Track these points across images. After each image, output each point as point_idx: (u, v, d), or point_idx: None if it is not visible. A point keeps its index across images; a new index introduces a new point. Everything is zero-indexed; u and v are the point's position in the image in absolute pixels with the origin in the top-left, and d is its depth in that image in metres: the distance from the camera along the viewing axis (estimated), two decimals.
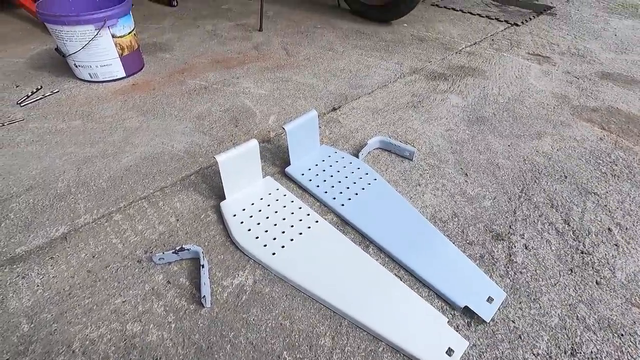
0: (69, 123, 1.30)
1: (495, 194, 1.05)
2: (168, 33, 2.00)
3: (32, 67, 1.65)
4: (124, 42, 1.49)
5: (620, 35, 2.13)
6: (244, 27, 2.09)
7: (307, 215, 0.92)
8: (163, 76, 1.60)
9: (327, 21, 2.18)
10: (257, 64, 1.70)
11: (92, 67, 1.48)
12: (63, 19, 1.34)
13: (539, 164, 1.17)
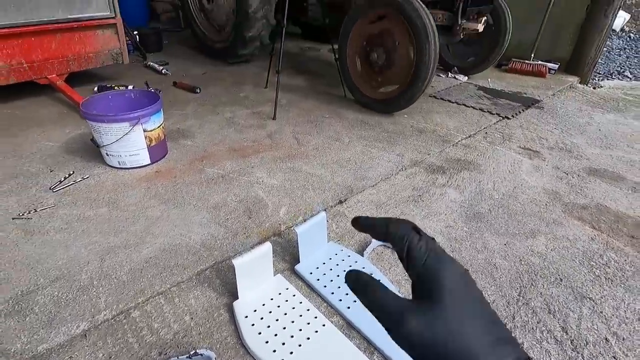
0: (96, 210, 1.41)
1: (494, 297, 1.10)
2: (190, 119, 2.21)
3: (66, 151, 1.82)
4: (152, 134, 1.67)
5: (603, 130, 2.32)
6: (259, 115, 2.31)
7: (314, 318, 0.97)
8: (184, 164, 1.75)
9: (335, 111, 2.40)
10: (270, 153, 1.86)
11: (121, 156, 1.64)
12: (103, 117, 1.52)
13: (534, 265, 1.24)
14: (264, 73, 2.90)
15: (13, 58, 2.16)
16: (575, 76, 3.33)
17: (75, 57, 2.41)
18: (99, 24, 2.42)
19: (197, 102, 2.48)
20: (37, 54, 2.25)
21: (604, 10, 3.05)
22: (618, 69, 4.49)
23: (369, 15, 2.21)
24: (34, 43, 2.21)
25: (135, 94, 1.81)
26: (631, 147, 2.11)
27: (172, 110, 2.32)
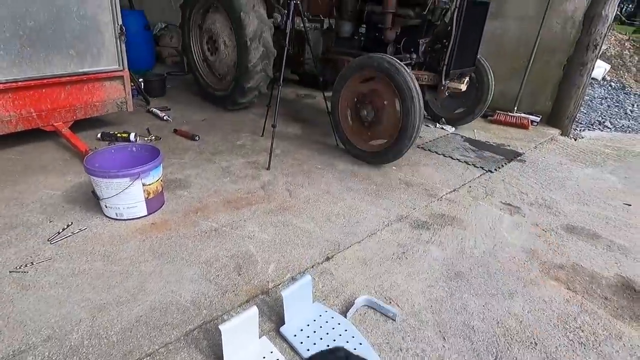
0: (91, 264, 1.46)
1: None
2: (188, 168, 2.31)
3: (66, 201, 1.89)
4: (151, 188, 1.75)
5: (582, 185, 2.44)
6: (254, 164, 2.42)
7: None
8: (179, 215, 1.82)
9: (327, 161, 2.52)
10: (263, 206, 1.94)
11: (119, 208, 1.71)
12: (105, 174, 1.61)
13: (511, 328, 1.29)
14: (261, 120, 3.05)
15: (23, 108, 2.29)
16: (557, 128, 3.51)
17: (82, 106, 2.55)
18: (107, 76, 2.58)
19: (196, 150, 2.60)
20: (46, 104, 2.38)
21: (579, 69, 3.28)
22: (599, 118, 4.72)
23: (360, 75, 2.39)
24: (44, 94, 2.35)
25: (137, 148, 1.92)
26: (607, 204, 2.21)
27: (171, 158, 2.42)
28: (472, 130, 3.35)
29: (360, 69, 2.35)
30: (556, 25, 3.32)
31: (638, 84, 7.00)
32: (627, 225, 2.00)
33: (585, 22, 3.13)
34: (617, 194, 2.36)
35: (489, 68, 2.99)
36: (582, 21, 3.15)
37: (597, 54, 3.23)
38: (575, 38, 3.22)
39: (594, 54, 3.22)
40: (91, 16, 2.37)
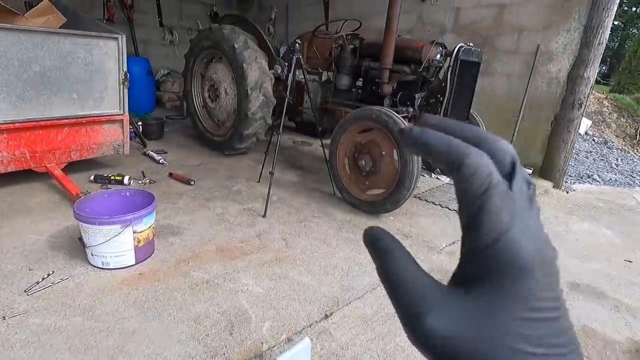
0: (69, 320, 1.34)
1: None
2: (181, 214, 2.25)
3: (50, 246, 1.79)
4: (142, 235, 1.68)
5: (581, 240, 2.42)
6: (250, 211, 2.36)
7: None
8: (170, 265, 1.72)
9: (324, 210, 2.48)
10: (258, 256, 1.86)
11: (106, 257, 1.62)
12: (95, 220, 1.54)
13: None
14: (258, 166, 3.04)
15: (17, 149, 2.25)
16: (549, 181, 3.57)
17: (78, 148, 2.53)
18: (107, 119, 2.59)
19: (191, 195, 2.55)
20: (41, 145, 2.35)
21: (567, 126, 3.42)
22: (587, 171, 4.85)
23: (358, 126, 2.44)
24: (40, 135, 2.33)
25: (131, 193, 1.87)
26: (608, 260, 2.18)
27: (165, 203, 2.36)
28: None
29: (359, 120, 2.40)
30: (542, 85, 3.51)
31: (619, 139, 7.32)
32: (631, 283, 1.95)
33: (569, 82, 3.32)
34: (617, 249, 2.34)
35: (481, 121, 3.10)
36: (566, 81, 3.34)
37: (582, 112, 3.39)
38: (561, 97, 3.40)
39: (579, 112, 3.37)
40: (97, 62, 2.43)
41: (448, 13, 4.02)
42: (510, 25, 3.58)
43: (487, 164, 0.19)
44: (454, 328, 0.18)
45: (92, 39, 2.36)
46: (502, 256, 0.18)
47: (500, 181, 0.19)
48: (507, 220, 0.18)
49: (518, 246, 0.18)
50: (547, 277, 0.18)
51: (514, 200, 0.18)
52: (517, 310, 0.18)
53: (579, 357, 0.19)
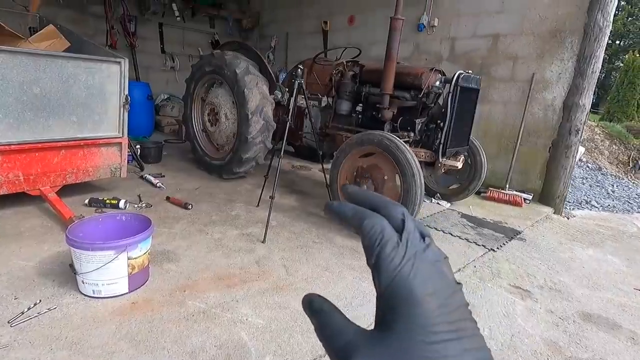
0: (55, 354, 1.24)
1: None
2: (178, 239, 2.17)
3: (38, 274, 1.70)
4: (137, 262, 1.60)
5: (587, 267, 2.36)
6: (248, 237, 2.30)
7: None
8: (164, 294, 1.64)
9: (325, 235, 2.42)
10: (257, 284, 1.78)
11: (98, 285, 1.53)
12: (88, 245, 1.47)
13: None
14: (257, 190, 3.00)
15: (11, 171, 2.20)
16: (549, 207, 3.55)
17: (74, 170, 2.48)
18: (105, 142, 2.56)
19: (188, 219, 2.48)
20: (36, 168, 2.30)
21: (565, 152, 3.44)
22: (585, 197, 4.85)
23: (359, 151, 2.42)
24: (36, 158, 2.29)
25: (126, 217, 1.80)
26: (617, 288, 2.12)
27: (161, 228, 2.29)
28: (467, 206, 3.36)
29: (360, 144, 2.39)
30: (538, 112, 3.56)
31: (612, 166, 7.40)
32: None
33: (565, 110, 3.37)
34: (625, 277, 2.28)
35: (481, 147, 3.11)
36: (561, 108, 3.40)
37: (579, 138, 3.42)
38: (557, 123, 3.44)
39: (576, 138, 3.41)
40: (99, 85, 2.43)
41: (444, 42, 4.14)
42: (505, 55, 3.68)
43: (380, 223, 0.23)
44: None
45: (96, 63, 2.37)
46: (397, 293, 0.22)
47: (391, 235, 0.23)
48: (397, 263, 0.22)
49: (408, 283, 0.22)
50: (442, 307, 0.22)
51: (404, 248, 0.23)
52: (417, 337, 0.21)
53: None
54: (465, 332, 0.22)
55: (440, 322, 0.21)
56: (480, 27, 3.82)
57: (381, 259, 0.23)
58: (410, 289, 0.22)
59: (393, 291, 0.22)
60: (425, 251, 0.23)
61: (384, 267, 0.22)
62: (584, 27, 3.15)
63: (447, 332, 0.21)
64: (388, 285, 0.22)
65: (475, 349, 0.22)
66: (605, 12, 3.06)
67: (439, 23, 4.13)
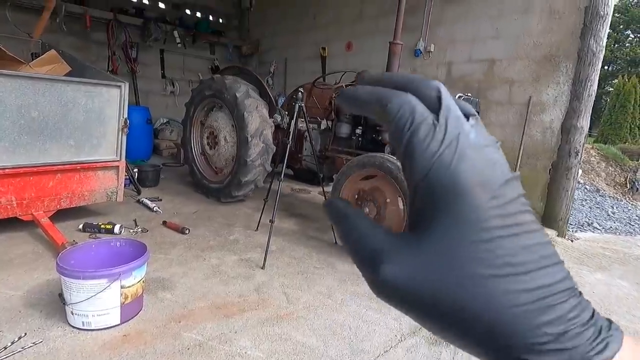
0: None
1: None
2: (174, 266, 2.09)
3: (25, 304, 1.61)
4: (130, 290, 1.52)
5: (597, 292, 2.29)
6: (247, 262, 2.22)
7: None
8: (158, 325, 1.55)
9: (326, 260, 2.34)
10: (256, 313, 1.70)
11: (88, 316, 1.45)
12: (79, 274, 1.40)
13: None
14: (256, 214, 2.94)
15: (4, 196, 2.14)
16: (552, 229, 3.50)
17: (69, 195, 2.42)
18: (102, 166, 2.52)
19: (185, 244, 2.41)
20: (30, 192, 2.24)
21: (565, 174, 3.43)
22: (586, 219, 4.81)
23: (361, 173, 2.39)
24: (30, 182, 2.23)
25: (120, 243, 1.74)
26: (631, 314, 2.04)
27: (157, 254, 2.21)
28: None
29: (362, 167, 2.36)
30: (536, 134, 3.58)
31: (609, 187, 7.42)
32: None
33: (563, 132, 3.39)
34: (637, 303, 2.20)
35: None
36: (560, 131, 3.42)
37: (579, 160, 3.42)
38: (557, 145, 3.45)
39: (576, 160, 3.41)
40: (98, 109, 2.41)
41: (440, 67, 4.22)
42: (501, 79, 3.74)
43: (410, 102, 0.19)
44: (409, 273, 0.18)
45: (96, 87, 2.37)
46: (437, 184, 0.18)
47: (425, 115, 0.18)
48: (435, 149, 0.18)
49: (450, 170, 0.18)
50: (494, 198, 0.18)
51: (443, 130, 0.18)
52: (465, 235, 0.18)
53: (559, 271, 0.18)
54: (522, 227, 0.18)
55: (492, 215, 0.17)
56: (475, 52, 3.91)
57: (414, 144, 0.18)
58: (455, 178, 0.18)
59: (431, 182, 0.18)
60: (470, 134, 0.19)
61: (419, 154, 0.18)
62: (578, 52, 3.22)
63: (501, 227, 0.17)
64: (425, 176, 0.18)
65: (537, 245, 0.18)
66: (597, 37, 3.14)
67: (435, 49, 4.23)
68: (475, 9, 3.86)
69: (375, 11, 4.86)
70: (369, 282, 0.20)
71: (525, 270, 0.17)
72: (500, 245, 0.17)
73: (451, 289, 0.17)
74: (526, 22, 3.50)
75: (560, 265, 0.18)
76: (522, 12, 3.52)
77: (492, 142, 0.19)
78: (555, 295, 0.17)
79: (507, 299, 0.17)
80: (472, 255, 0.17)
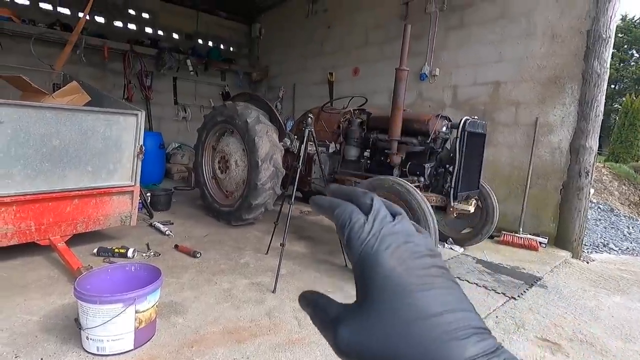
0: None
1: None
2: (186, 290, 2.11)
3: (41, 329, 1.63)
4: (144, 315, 1.54)
5: (617, 316, 2.22)
6: (258, 286, 2.22)
7: None
8: (171, 350, 1.55)
9: (336, 284, 2.33)
10: (268, 338, 1.69)
11: (102, 341, 1.46)
12: (96, 298, 1.43)
13: None
14: (265, 237, 2.96)
15: (24, 221, 2.21)
16: (566, 250, 3.43)
17: (85, 219, 2.48)
18: (118, 191, 2.59)
19: (196, 268, 2.43)
20: (48, 217, 2.31)
21: (577, 194, 3.40)
22: (602, 240, 4.71)
23: None
24: (49, 207, 2.30)
25: (135, 268, 1.77)
26: None
27: (169, 277, 2.23)
28: (481, 251, 3.26)
29: (372, 189, 2.38)
30: (545, 154, 3.58)
31: (624, 207, 7.27)
32: None
33: (572, 152, 3.39)
34: None
35: (491, 190, 3.09)
36: (568, 151, 3.42)
37: (589, 180, 3.40)
38: (566, 166, 3.44)
39: (587, 180, 3.38)
40: (115, 137, 2.51)
41: (446, 90, 4.30)
42: (507, 101, 3.79)
43: (350, 209, 0.27)
44: (360, 333, 0.24)
45: (114, 115, 2.47)
46: (366, 264, 0.24)
47: (358, 217, 0.26)
48: (364, 239, 0.25)
49: (374, 253, 0.24)
50: (409, 269, 0.24)
51: (370, 225, 0.25)
52: (392, 299, 0.23)
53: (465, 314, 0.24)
54: (435, 284, 0.24)
55: (409, 282, 0.23)
56: (480, 75, 3.99)
57: (350, 238, 0.25)
58: (376, 258, 0.24)
59: (362, 262, 0.25)
60: (395, 226, 0.25)
61: (352, 244, 0.25)
62: (582, 73, 3.27)
63: (418, 286, 0.23)
64: (357, 260, 0.25)
65: (446, 289, 0.24)
66: (601, 59, 3.19)
67: (440, 73, 4.32)
68: (478, 34, 3.97)
69: (381, 38, 5.02)
70: (332, 344, 0.25)
71: (436, 313, 0.23)
72: (417, 300, 0.23)
73: (391, 339, 0.23)
74: (529, 46, 3.58)
75: (466, 311, 0.24)
76: (525, 36, 3.61)
77: (413, 231, 0.26)
78: (462, 331, 0.22)
79: (429, 336, 0.22)
80: (400, 310, 0.23)
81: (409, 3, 4.56)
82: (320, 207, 0.29)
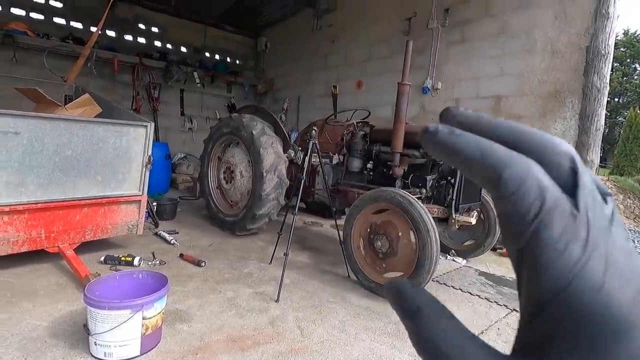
0: None
1: None
2: (191, 298, 2.14)
3: (50, 334, 1.67)
4: (151, 322, 1.57)
5: None
6: (262, 295, 2.25)
7: None
8: (176, 357, 1.58)
9: (339, 294, 2.35)
10: (271, 347, 1.71)
11: (110, 347, 1.50)
12: (104, 304, 1.47)
13: None
14: (269, 247, 2.99)
15: (34, 229, 2.27)
16: None
17: (93, 228, 2.54)
18: (126, 200, 2.65)
19: (201, 277, 2.46)
20: (58, 225, 2.37)
21: None
22: None
23: (373, 207, 2.45)
24: (59, 215, 2.36)
25: (142, 275, 1.81)
26: None
27: (175, 286, 2.26)
28: (484, 263, 3.26)
29: (374, 201, 2.43)
30: None
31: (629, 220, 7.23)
32: None
33: None
34: None
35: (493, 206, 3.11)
36: None
37: None
38: None
39: None
40: (125, 147, 2.58)
41: (448, 103, 4.36)
42: (508, 114, 3.84)
43: (537, 174, 0.14)
44: None
45: (124, 127, 2.55)
46: (578, 311, 0.12)
47: (559, 198, 0.13)
48: (578, 256, 0.12)
49: (602, 295, 0.12)
50: None
51: (585, 224, 0.13)
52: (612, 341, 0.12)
53: None
54: None
55: None
56: (482, 89, 4.06)
57: (543, 242, 0.13)
58: (606, 308, 0.12)
59: (570, 304, 0.13)
60: (613, 228, 0.13)
61: (550, 259, 0.13)
62: (583, 88, 3.32)
63: None
64: (560, 293, 0.13)
65: None
66: (600, 74, 3.25)
67: (442, 86, 4.40)
68: (479, 49, 4.06)
69: (384, 52, 5.12)
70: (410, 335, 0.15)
71: None
72: None
73: None
74: (530, 61, 3.65)
75: None
76: (525, 52, 3.69)
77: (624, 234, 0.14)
78: None
79: None
80: None
81: (411, 19, 4.68)
82: (454, 150, 0.16)
